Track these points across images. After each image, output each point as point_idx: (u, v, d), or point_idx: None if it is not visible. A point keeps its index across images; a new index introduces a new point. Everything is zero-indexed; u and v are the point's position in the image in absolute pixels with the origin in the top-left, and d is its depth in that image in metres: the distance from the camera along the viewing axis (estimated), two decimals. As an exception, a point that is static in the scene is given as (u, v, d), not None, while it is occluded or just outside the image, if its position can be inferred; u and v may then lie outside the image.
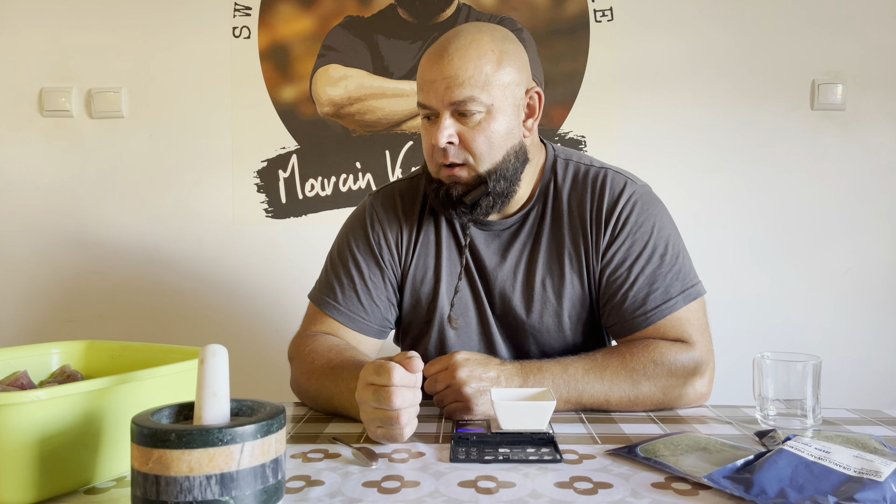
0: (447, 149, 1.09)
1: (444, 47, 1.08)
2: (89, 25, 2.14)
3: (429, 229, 1.23)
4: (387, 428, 0.87)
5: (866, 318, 2.08)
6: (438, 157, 1.11)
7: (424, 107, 1.11)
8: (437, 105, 1.08)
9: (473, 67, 1.06)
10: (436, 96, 1.08)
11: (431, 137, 1.10)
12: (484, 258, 1.21)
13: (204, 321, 2.14)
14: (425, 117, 1.12)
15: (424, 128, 1.14)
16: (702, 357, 1.10)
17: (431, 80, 1.08)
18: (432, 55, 1.09)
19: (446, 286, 1.21)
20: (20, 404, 0.67)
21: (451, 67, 1.06)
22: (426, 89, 1.09)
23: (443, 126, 1.08)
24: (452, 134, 1.09)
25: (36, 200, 2.17)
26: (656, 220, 1.17)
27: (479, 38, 1.08)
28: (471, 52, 1.07)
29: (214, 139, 2.14)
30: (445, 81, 1.06)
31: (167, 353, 0.90)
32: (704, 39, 2.07)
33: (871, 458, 0.72)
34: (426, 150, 1.14)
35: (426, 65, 1.10)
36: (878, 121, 2.07)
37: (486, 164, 1.11)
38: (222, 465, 0.60)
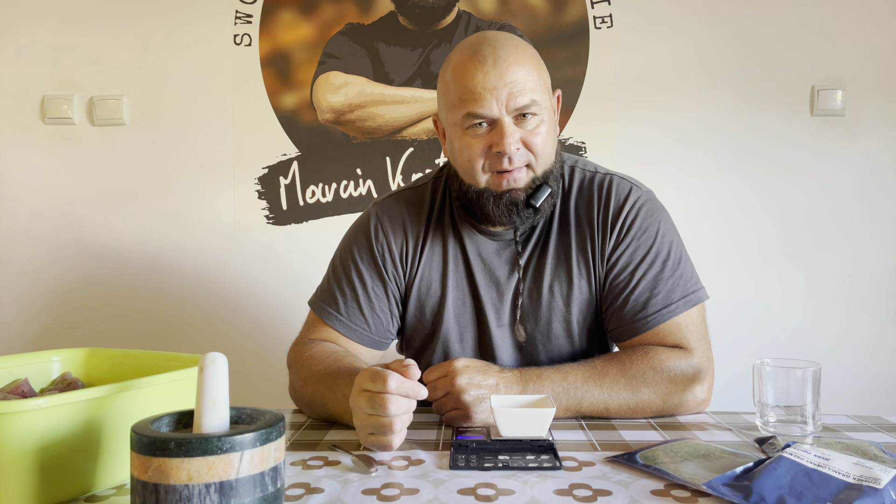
0: (513, 154, 1.08)
1: (492, 54, 1.06)
2: (91, 33, 2.15)
3: (435, 240, 1.23)
4: (378, 435, 0.87)
5: (867, 324, 2.07)
6: (498, 164, 1.09)
7: (478, 116, 1.07)
8: (498, 112, 1.06)
9: (528, 72, 1.07)
10: (497, 103, 1.06)
11: (487, 146, 1.08)
12: (495, 268, 1.20)
13: (204, 328, 2.15)
14: (471, 127, 1.09)
15: (470, 137, 1.09)
16: (701, 364, 1.10)
17: (490, 86, 1.05)
18: (480, 62, 1.06)
19: (452, 297, 1.21)
20: (20, 413, 0.67)
21: (511, 73, 1.06)
22: (481, 97, 1.06)
23: (509, 133, 1.06)
24: (518, 139, 1.08)
25: (38, 207, 2.17)
26: (660, 226, 1.17)
27: (519, 44, 1.10)
28: (522, 58, 1.08)
29: (215, 146, 2.15)
30: (507, 87, 1.05)
31: (167, 361, 0.90)
32: (704, 46, 2.08)
33: (871, 465, 0.72)
34: (474, 159, 1.10)
35: (475, 73, 1.06)
36: (878, 126, 2.07)
37: (544, 164, 1.12)
38: (221, 473, 0.60)
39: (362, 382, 0.89)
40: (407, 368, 0.88)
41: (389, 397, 0.85)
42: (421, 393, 0.89)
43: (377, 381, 0.86)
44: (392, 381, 0.86)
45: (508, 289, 1.20)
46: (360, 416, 0.89)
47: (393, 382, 0.86)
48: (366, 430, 0.88)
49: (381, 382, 0.86)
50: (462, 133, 1.10)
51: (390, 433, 0.87)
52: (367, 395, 0.87)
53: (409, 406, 0.88)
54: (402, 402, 0.86)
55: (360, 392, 0.89)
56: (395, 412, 0.85)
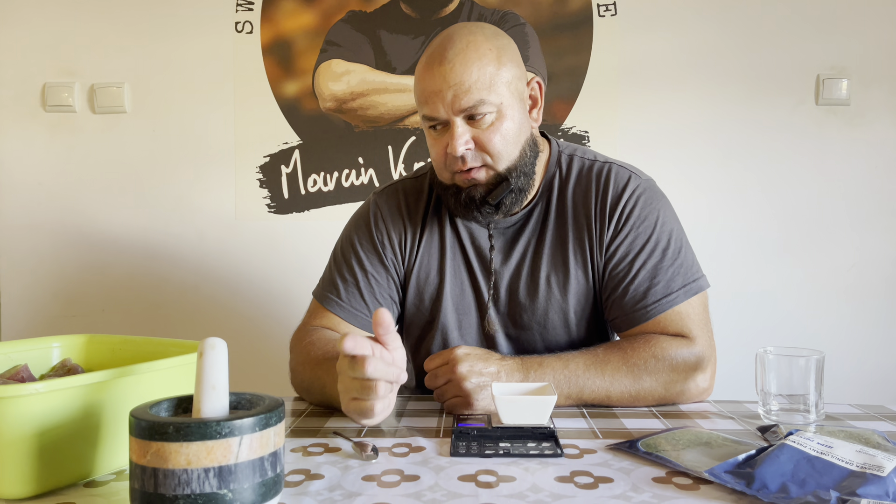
0: (465, 155, 1.08)
1: (441, 54, 1.06)
2: (92, 21, 2.14)
3: (433, 229, 1.23)
4: (360, 399, 0.85)
5: (870, 314, 2.07)
6: (454, 164, 1.10)
7: (431, 118, 1.08)
8: (446, 114, 1.07)
9: (477, 70, 1.05)
10: (444, 105, 1.06)
11: (445, 147, 1.09)
12: (489, 256, 1.20)
13: (206, 316, 2.15)
14: (431, 127, 1.10)
15: (432, 137, 1.12)
16: (703, 352, 1.09)
17: (436, 90, 1.06)
18: (430, 64, 1.07)
19: (450, 286, 1.21)
20: (19, 397, 0.67)
21: (455, 74, 1.04)
22: (431, 100, 1.07)
23: (457, 134, 1.06)
24: (468, 140, 1.07)
25: (39, 195, 2.17)
26: (660, 214, 1.16)
27: (474, 40, 1.07)
28: (470, 56, 1.05)
29: (217, 134, 2.14)
30: (452, 89, 1.05)
31: (167, 347, 0.90)
32: (708, 34, 2.06)
33: (874, 452, 0.72)
34: (437, 159, 1.12)
35: (425, 75, 1.07)
36: (883, 116, 2.06)
37: (504, 162, 1.10)
38: (220, 457, 0.60)
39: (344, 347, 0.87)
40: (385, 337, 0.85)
41: (369, 358, 0.82)
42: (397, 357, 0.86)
43: (358, 345, 0.83)
44: (364, 344, 0.83)
45: (501, 276, 1.20)
46: (344, 381, 0.87)
47: (371, 346, 0.83)
48: (349, 394, 0.87)
49: (362, 346, 0.83)
50: (427, 132, 1.13)
51: (373, 396, 0.84)
52: (348, 358, 0.85)
53: (387, 371, 0.84)
54: (380, 365, 0.83)
55: (342, 357, 0.87)
56: (372, 373, 0.82)
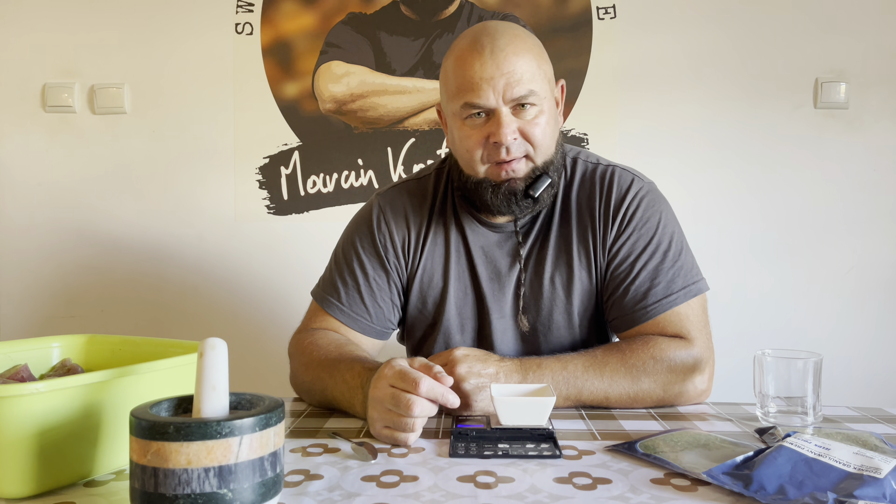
0: (510, 145, 1.07)
1: (491, 43, 1.06)
2: (92, 21, 2.14)
3: (437, 231, 1.22)
4: (395, 431, 0.87)
5: (868, 317, 2.07)
6: (496, 154, 1.08)
7: (475, 106, 1.07)
8: (495, 102, 1.06)
9: (527, 62, 1.07)
10: (494, 93, 1.05)
11: (485, 137, 1.08)
12: (497, 259, 1.20)
13: (205, 317, 2.15)
14: (470, 116, 1.09)
15: (469, 127, 1.09)
16: (701, 354, 1.10)
17: (487, 76, 1.05)
18: (478, 52, 1.06)
19: (454, 289, 1.21)
20: (19, 396, 0.67)
21: (509, 63, 1.05)
22: (478, 87, 1.06)
23: (505, 122, 1.06)
24: (515, 129, 1.07)
25: (38, 196, 2.17)
26: (662, 217, 1.17)
27: (519, 34, 1.09)
28: (520, 47, 1.07)
29: (216, 135, 2.14)
30: (505, 77, 1.05)
31: (167, 347, 0.90)
32: (707, 37, 2.07)
33: (871, 454, 0.72)
34: (472, 149, 1.10)
35: (473, 62, 1.06)
36: (882, 119, 2.06)
37: (543, 154, 1.11)
38: (220, 457, 0.60)
39: (391, 378, 0.89)
40: (439, 375, 0.88)
41: (416, 399, 0.85)
42: (451, 400, 0.88)
43: (407, 381, 0.87)
44: (423, 384, 0.86)
45: (510, 280, 1.20)
46: (380, 410, 0.89)
47: (423, 386, 0.86)
48: (382, 423, 0.89)
49: (412, 384, 0.86)
50: (461, 123, 1.11)
51: (409, 432, 0.87)
52: (393, 391, 0.87)
53: (432, 410, 0.88)
54: (427, 406, 0.87)
55: (385, 387, 0.88)
56: (419, 414, 0.86)
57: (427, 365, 0.90)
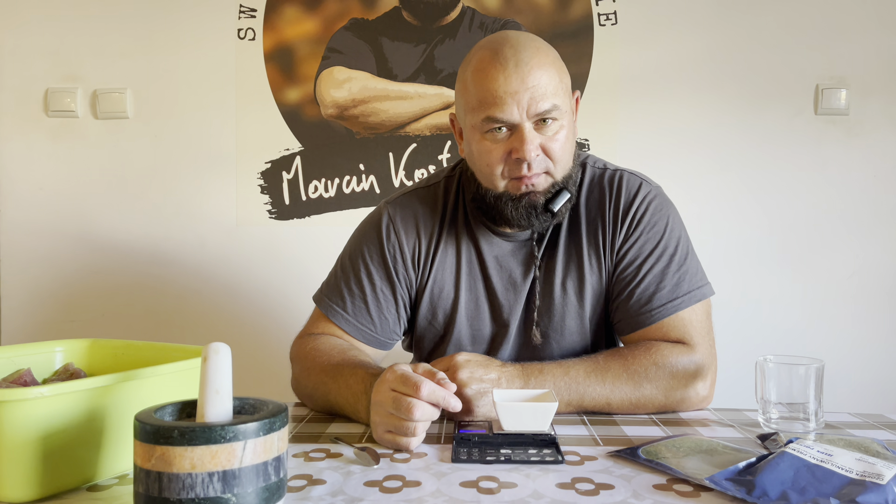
0: (532, 161, 1.06)
1: (514, 57, 1.04)
2: (95, 26, 2.15)
3: (448, 241, 1.21)
4: (396, 435, 0.87)
5: (870, 323, 2.07)
6: (517, 170, 1.07)
7: (498, 120, 1.05)
8: (519, 117, 1.04)
9: (550, 76, 1.05)
10: (518, 108, 1.04)
11: (506, 152, 1.07)
12: (512, 269, 1.20)
13: (206, 322, 2.15)
14: (491, 131, 1.07)
15: (490, 141, 1.08)
16: (703, 360, 1.10)
17: (511, 91, 1.03)
18: (501, 65, 1.04)
19: (465, 300, 1.20)
20: (23, 401, 0.67)
21: (533, 77, 1.03)
22: (502, 102, 1.04)
23: (528, 139, 1.04)
24: (538, 145, 1.06)
25: (40, 200, 2.17)
26: (669, 221, 1.17)
27: (542, 47, 1.07)
28: (544, 61, 1.05)
29: (218, 140, 2.15)
30: (529, 92, 1.03)
31: (170, 352, 0.90)
32: (708, 44, 2.07)
33: (874, 461, 0.72)
34: (493, 163, 1.09)
35: (497, 77, 1.04)
36: (882, 126, 2.06)
37: (563, 170, 1.11)
38: (225, 462, 0.60)
39: (392, 382, 0.89)
40: (442, 381, 0.89)
41: (417, 402, 0.85)
42: (453, 404, 0.88)
43: (408, 385, 0.87)
44: (424, 387, 0.86)
45: (524, 289, 1.19)
46: (382, 414, 0.89)
47: (425, 389, 0.86)
48: (384, 427, 0.89)
49: (413, 388, 0.86)
50: (481, 137, 1.09)
51: (410, 436, 0.87)
52: (395, 395, 0.87)
53: (434, 414, 0.88)
54: (428, 410, 0.87)
55: (387, 391, 0.89)
56: (419, 417, 0.86)
57: (430, 370, 0.90)
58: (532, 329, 1.18)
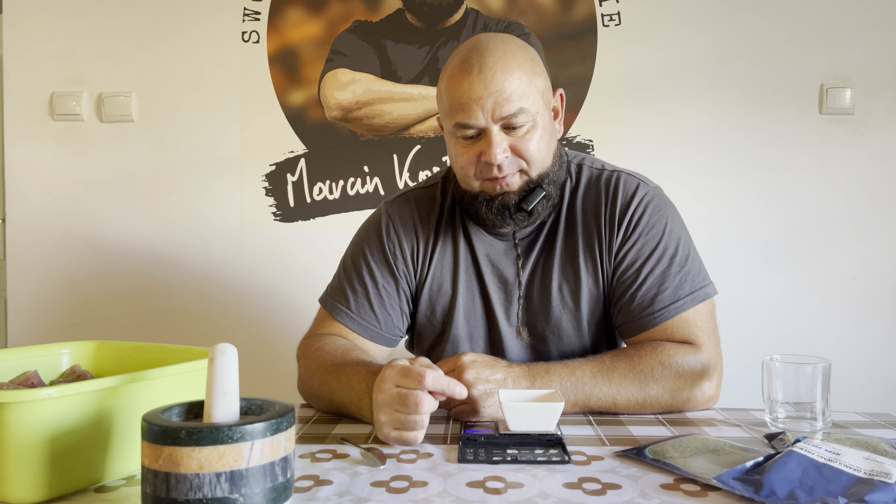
0: (502, 163, 1.08)
1: (478, 63, 1.06)
2: (100, 30, 2.16)
3: (446, 240, 1.22)
4: (404, 431, 0.88)
5: (875, 323, 2.06)
6: (488, 172, 1.09)
7: (466, 126, 1.07)
8: (485, 122, 1.06)
9: (517, 79, 1.06)
10: (483, 113, 1.05)
11: (477, 155, 1.08)
12: (503, 268, 1.20)
13: (212, 325, 2.15)
14: (461, 136, 1.09)
15: (462, 146, 1.10)
16: (709, 360, 1.10)
17: (475, 97, 1.05)
18: (467, 71, 1.06)
19: (463, 297, 1.21)
20: (31, 402, 0.67)
21: (496, 81, 1.04)
22: (468, 107, 1.06)
23: (495, 142, 1.06)
24: (506, 148, 1.07)
25: (46, 203, 2.18)
26: (668, 222, 1.17)
27: (510, 49, 1.08)
28: (510, 63, 1.06)
29: (223, 143, 2.15)
30: (493, 97, 1.04)
31: (176, 354, 0.90)
32: (712, 44, 2.07)
33: (882, 459, 0.72)
34: (466, 166, 1.11)
35: (462, 82, 1.06)
36: (887, 125, 2.06)
37: (538, 168, 1.11)
38: (232, 462, 0.60)
39: (394, 378, 0.89)
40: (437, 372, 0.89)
41: (424, 395, 0.86)
42: (458, 391, 0.89)
43: (412, 378, 0.87)
44: (428, 377, 0.86)
45: (516, 288, 1.20)
46: (387, 413, 0.89)
47: (429, 379, 0.86)
48: (390, 426, 0.89)
49: (417, 379, 0.87)
50: (455, 141, 1.11)
51: (419, 429, 0.87)
52: (399, 391, 0.87)
53: (436, 404, 0.89)
54: (433, 401, 0.87)
55: (391, 388, 0.89)
56: (426, 410, 0.86)
57: (430, 364, 0.91)
58: (519, 328, 1.19)
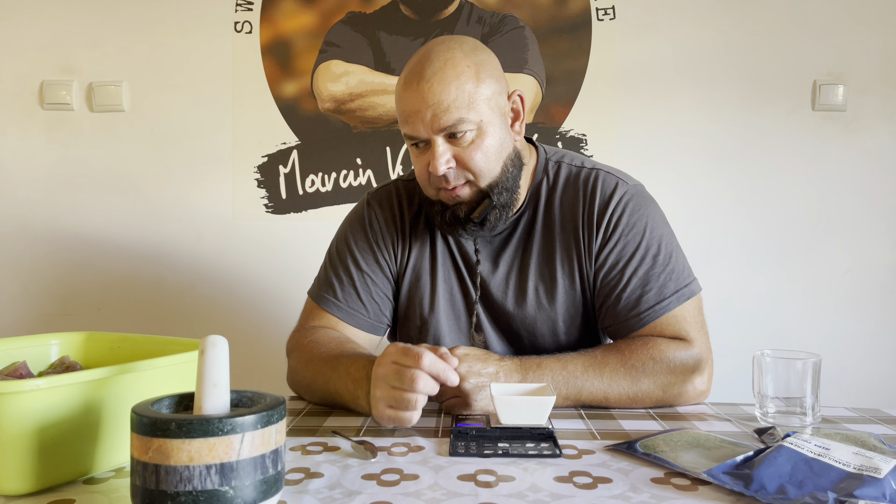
0: (447, 174, 1.08)
1: (419, 73, 1.05)
2: (91, 18, 2.13)
3: (424, 234, 1.23)
4: (398, 410, 0.88)
5: (865, 319, 2.08)
6: (438, 182, 1.10)
7: (412, 137, 1.09)
8: (427, 133, 1.07)
9: (455, 89, 1.04)
10: (423, 125, 1.06)
11: (426, 164, 1.09)
12: (479, 269, 1.20)
13: (203, 316, 2.14)
14: (413, 145, 1.11)
15: (414, 155, 1.12)
16: (701, 354, 1.10)
17: (415, 109, 1.05)
18: (409, 83, 1.06)
19: (442, 290, 1.21)
20: (19, 393, 0.67)
21: (433, 93, 1.04)
22: (411, 120, 1.07)
23: (438, 154, 1.06)
24: (450, 158, 1.07)
25: (35, 193, 2.16)
26: (648, 221, 1.16)
27: (453, 57, 1.06)
28: (448, 74, 1.05)
29: (215, 134, 2.14)
30: (431, 109, 1.04)
31: (167, 345, 0.90)
32: (706, 39, 2.07)
33: (871, 455, 0.72)
34: (420, 175, 1.13)
35: (404, 95, 1.07)
36: (879, 122, 2.07)
37: (486, 178, 1.10)
38: (222, 454, 0.60)
39: (393, 355, 0.90)
40: (445, 356, 0.90)
41: (419, 373, 0.87)
42: (451, 378, 0.90)
43: (410, 356, 0.88)
44: (426, 358, 0.87)
45: (489, 284, 1.20)
46: (383, 388, 0.90)
47: (426, 360, 0.87)
48: (385, 402, 0.90)
49: (414, 358, 0.87)
50: (410, 149, 1.13)
51: (411, 409, 0.88)
52: (396, 367, 0.88)
53: (434, 387, 0.89)
54: (429, 382, 0.88)
55: (389, 363, 0.90)
56: (421, 388, 0.87)
57: (432, 347, 0.92)
58: (472, 332, 1.19)
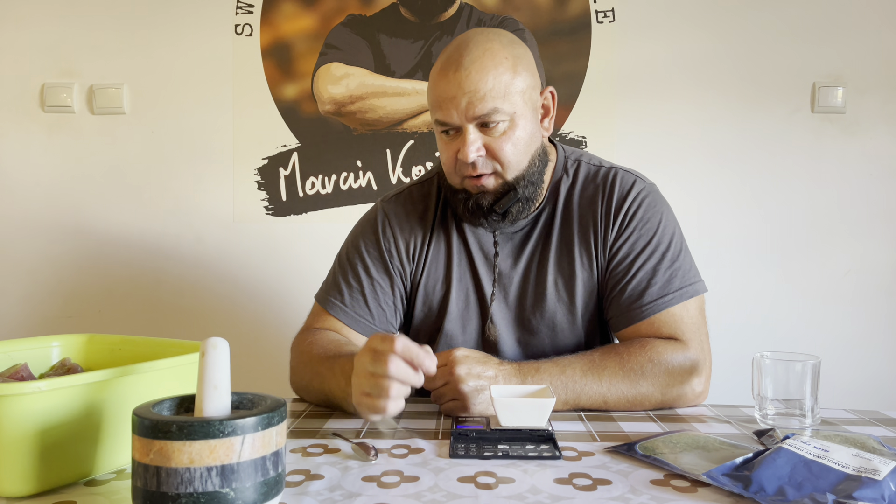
0: (476, 161, 1.09)
1: (458, 61, 1.07)
2: (92, 21, 2.14)
3: (440, 236, 1.23)
4: (374, 397, 0.87)
5: (865, 321, 2.08)
6: (465, 170, 1.10)
7: (444, 123, 1.09)
8: (460, 121, 1.07)
9: (493, 79, 1.06)
10: (458, 112, 1.07)
11: (455, 152, 1.10)
12: (497, 262, 1.21)
13: (203, 318, 2.14)
14: (444, 132, 1.11)
15: (444, 142, 1.12)
16: (696, 356, 1.10)
17: (450, 95, 1.06)
18: (445, 70, 1.07)
19: (455, 293, 1.21)
20: (21, 395, 0.67)
21: (471, 81, 1.05)
22: (445, 106, 1.07)
23: (469, 141, 1.07)
24: (480, 147, 1.08)
25: (36, 196, 2.17)
26: (662, 217, 1.18)
27: (492, 48, 1.07)
28: (487, 63, 1.06)
29: (215, 136, 2.14)
30: (467, 96, 1.05)
31: (167, 347, 0.90)
32: (706, 41, 2.08)
33: (870, 456, 0.72)
34: (447, 163, 1.13)
35: (440, 81, 1.08)
36: (878, 124, 2.07)
37: (514, 171, 1.11)
38: (223, 456, 0.60)
39: (371, 341, 0.90)
40: (420, 345, 0.89)
41: (392, 356, 0.86)
42: (426, 363, 0.87)
43: (385, 342, 0.88)
44: (399, 342, 0.86)
45: (512, 282, 1.20)
46: (359, 374, 0.90)
47: (399, 344, 0.86)
48: (362, 388, 0.89)
49: (388, 342, 0.87)
50: (439, 136, 1.13)
51: (385, 397, 0.86)
52: (371, 352, 0.88)
53: (408, 373, 0.87)
54: (402, 366, 0.86)
55: (366, 350, 0.90)
56: (393, 372, 0.85)
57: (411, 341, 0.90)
58: (488, 325, 1.19)
